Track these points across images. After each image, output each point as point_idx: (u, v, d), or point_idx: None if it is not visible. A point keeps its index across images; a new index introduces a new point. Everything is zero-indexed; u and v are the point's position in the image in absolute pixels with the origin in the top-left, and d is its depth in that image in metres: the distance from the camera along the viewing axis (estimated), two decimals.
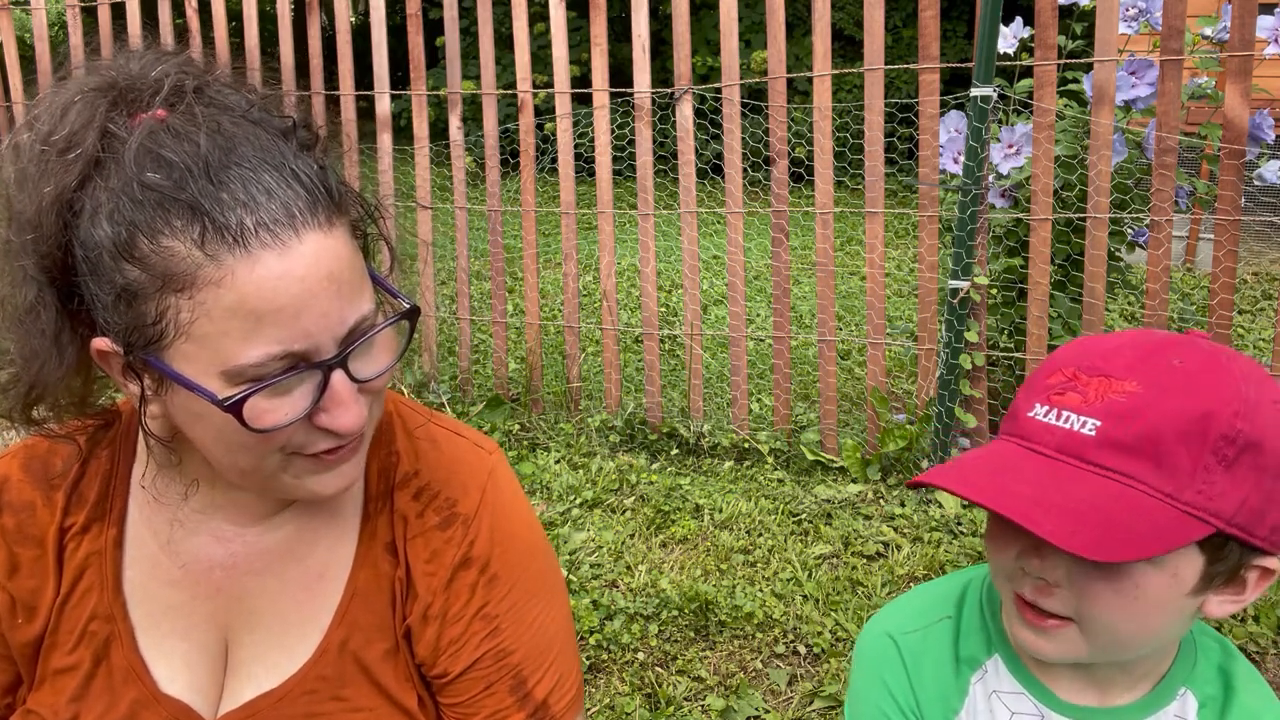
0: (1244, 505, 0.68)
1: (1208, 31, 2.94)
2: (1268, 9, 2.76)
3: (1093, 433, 0.70)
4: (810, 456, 3.10)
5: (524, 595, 0.88)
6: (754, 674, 2.19)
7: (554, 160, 3.37)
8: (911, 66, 2.84)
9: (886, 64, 2.85)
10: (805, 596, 2.44)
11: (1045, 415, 0.73)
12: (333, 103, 3.63)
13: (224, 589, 0.85)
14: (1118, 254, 3.15)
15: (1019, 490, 0.70)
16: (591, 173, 3.35)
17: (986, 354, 2.93)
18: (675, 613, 2.36)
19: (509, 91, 3.47)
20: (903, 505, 2.85)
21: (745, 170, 3.16)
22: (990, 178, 2.87)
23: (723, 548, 2.65)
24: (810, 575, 2.53)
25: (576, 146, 3.34)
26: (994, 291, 3.17)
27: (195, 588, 0.85)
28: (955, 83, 3.20)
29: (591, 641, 2.26)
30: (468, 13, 8.00)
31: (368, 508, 0.87)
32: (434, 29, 10.07)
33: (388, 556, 0.86)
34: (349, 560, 0.86)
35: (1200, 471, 0.68)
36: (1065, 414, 0.71)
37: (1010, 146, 2.92)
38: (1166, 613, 0.74)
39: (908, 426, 3.01)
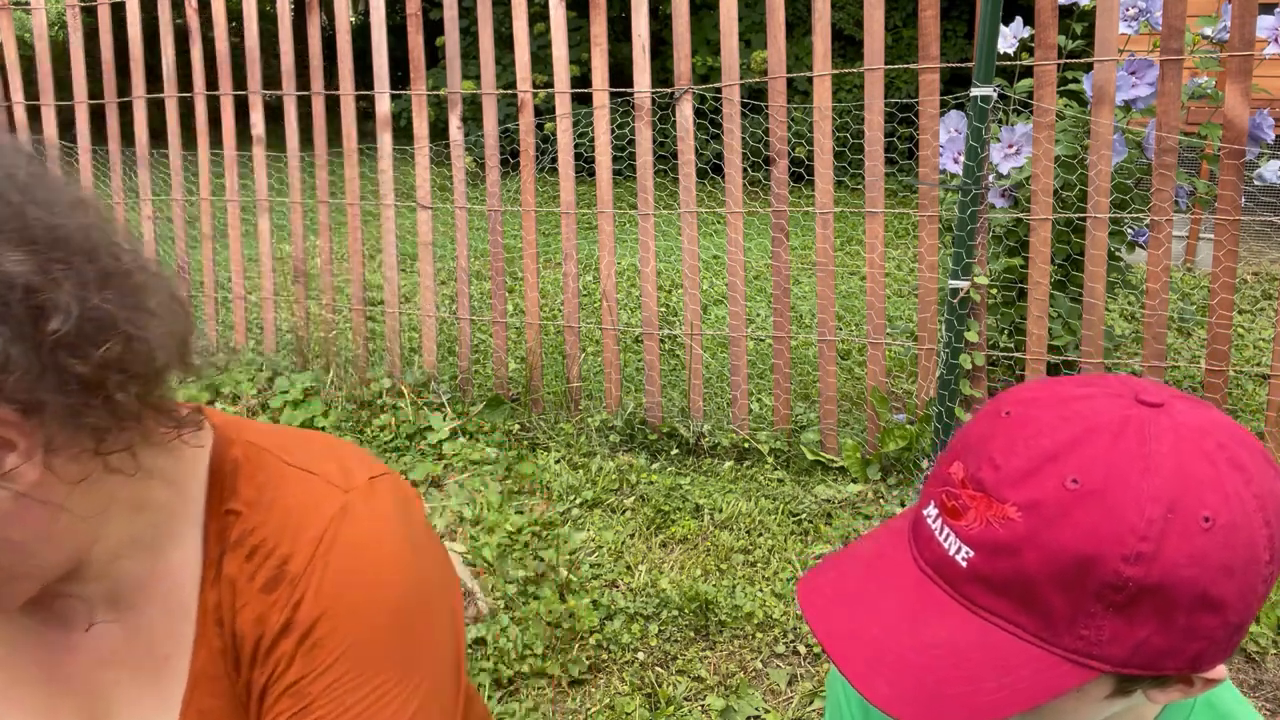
0: (1141, 647, 0.59)
1: (1208, 31, 2.94)
2: (1268, 9, 2.76)
3: (965, 563, 0.62)
4: (810, 456, 3.10)
5: (353, 669, 0.72)
6: (754, 674, 2.19)
7: (554, 160, 3.37)
8: (911, 66, 2.84)
9: (886, 64, 2.85)
10: None
11: (933, 522, 0.65)
12: (333, 103, 3.63)
13: (75, 684, 0.78)
14: (1118, 254, 3.15)
15: (869, 631, 0.64)
16: (591, 173, 3.35)
17: (986, 354, 2.93)
18: (675, 613, 2.36)
19: (509, 91, 3.47)
20: (903, 505, 2.85)
21: (745, 170, 3.16)
22: (990, 178, 2.87)
23: (723, 548, 2.66)
24: None
25: (576, 146, 3.34)
26: (994, 291, 3.17)
27: (49, 684, 0.78)
28: (955, 83, 3.20)
29: (591, 641, 2.26)
30: (468, 13, 8.00)
31: (204, 578, 0.77)
32: (434, 29, 10.08)
33: (218, 631, 0.76)
34: (189, 641, 0.76)
35: (1081, 617, 0.58)
36: (946, 532, 0.63)
37: (1010, 146, 2.92)
38: (1079, 714, 0.66)
39: (908, 426, 3.01)
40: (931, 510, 0.65)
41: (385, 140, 3.54)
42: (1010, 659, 0.60)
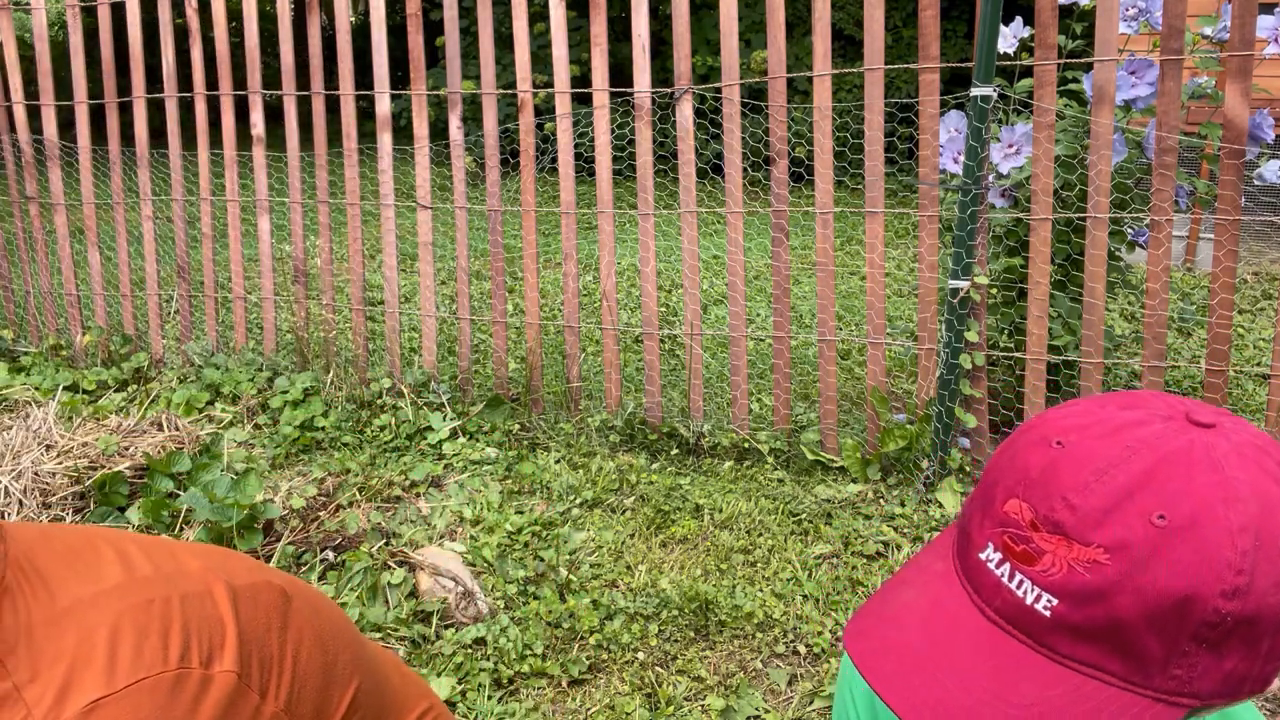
0: (1228, 678, 0.58)
1: (1208, 31, 2.94)
2: (1268, 9, 2.76)
3: (1048, 612, 0.58)
4: (810, 456, 3.10)
5: None
6: (754, 674, 2.19)
7: (554, 160, 3.37)
8: (911, 66, 2.84)
9: (886, 64, 2.85)
10: (805, 596, 2.44)
11: (997, 568, 0.61)
12: (333, 103, 3.63)
13: None
14: (1118, 254, 3.15)
15: (953, 698, 0.60)
16: (591, 173, 3.35)
17: (986, 354, 2.93)
18: (675, 613, 2.36)
19: (509, 91, 3.48)
20: (903, 505, 2.85)
21: (745, 170, 3.16)
22: (990, 177, 2.87)
23: (723, 548, 2.66)
24: (810, 575, 2.53)
25: (576, 146, 3.34)
26: (994, 291, 3.17)
27: None
28: (955, 82, 3.20)
29: (591, 641, 2.26)
30: (468, 13, 8.00)
31: None
32: (434, 29, 10.09)
33: None
34: None
35: (1175, 657, 0.57)
36: (1019, 578, 0.60)
37: (1010, 146, 2.92)
38: None
39: (908, 426, 3.01)
40: (993, 554, 0.61)
41: (385, 140, 3.54)
42: (1104, 709, 0.58)
